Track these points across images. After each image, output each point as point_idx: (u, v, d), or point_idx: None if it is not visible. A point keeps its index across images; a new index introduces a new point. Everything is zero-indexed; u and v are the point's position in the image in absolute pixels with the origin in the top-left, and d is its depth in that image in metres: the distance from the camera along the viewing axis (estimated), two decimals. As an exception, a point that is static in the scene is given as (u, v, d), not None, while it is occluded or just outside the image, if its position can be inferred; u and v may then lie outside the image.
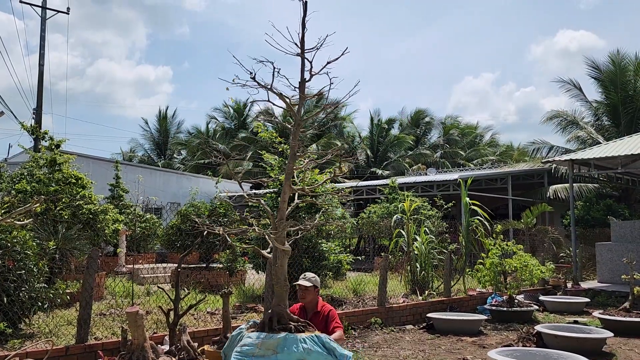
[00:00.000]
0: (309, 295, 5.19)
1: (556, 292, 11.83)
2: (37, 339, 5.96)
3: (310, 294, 5.22)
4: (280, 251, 3.87)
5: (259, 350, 3.52)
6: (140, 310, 3.86)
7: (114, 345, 5.60)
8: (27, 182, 9.85)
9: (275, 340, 3.54)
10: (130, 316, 3.89)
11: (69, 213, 9.52)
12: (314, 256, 9.94)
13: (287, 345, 3.54)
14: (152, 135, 41.34)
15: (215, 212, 12.38)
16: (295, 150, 3.96)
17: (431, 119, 40.17)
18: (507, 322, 8.90)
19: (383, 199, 18.26)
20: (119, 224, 11.67)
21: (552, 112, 24.67)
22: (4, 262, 5.85)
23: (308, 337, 3.61)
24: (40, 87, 20.79)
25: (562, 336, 6.59)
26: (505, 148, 40.43)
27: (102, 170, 19.48)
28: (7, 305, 5.72)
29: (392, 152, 36.39)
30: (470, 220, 11.01)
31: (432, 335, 7.85)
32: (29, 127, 11.10)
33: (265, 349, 3.53)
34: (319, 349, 3.60)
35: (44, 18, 21.33)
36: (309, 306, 5.16)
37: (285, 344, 3.55)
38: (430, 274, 10.82)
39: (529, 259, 9.28)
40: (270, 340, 3.55)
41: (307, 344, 3.58)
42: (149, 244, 17.34)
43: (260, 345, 3.54)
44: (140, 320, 3.86)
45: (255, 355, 3.51)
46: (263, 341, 3.57)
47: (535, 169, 21.78)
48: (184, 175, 26.96)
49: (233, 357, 3.53)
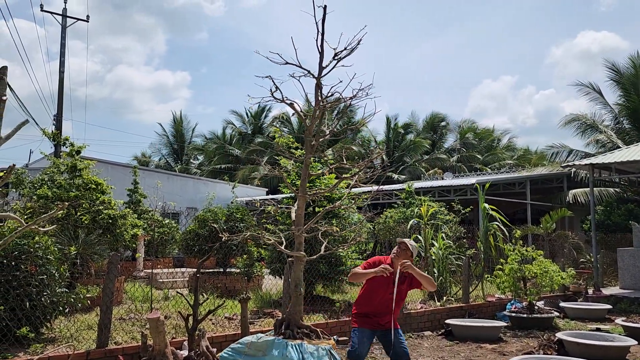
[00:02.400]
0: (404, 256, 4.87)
1: (577, 299, 11.66)
2: (58, 343, 6.03)
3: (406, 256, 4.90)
4: (295, 258, 3.88)
5: (248, 349, 3.72)
6: (161, 317, 3.90)
7: (133, 350, 5.64)
8: (48, 187, 10.00)
9: (264, 342, 3.75)
10: (151, 322, 3.92)
11: (89, 218, 9.65)
12: (330, 261, 9.93)
13: (274, 349, 3.72)
14: (169, 140, 41.73)
15: (232, 217, 12.44)
16: (309, 162, 3.96)
17: (447, 123, 39.98)
18: (527, 329, 8.78)
19: (399, 203, 18.18)
20: (138, 229, 11.78)
21: (571, 115, 24.41)
22: (27, 267, 5.94)
23: (293, 344, 3.77)
24: (61, 94, 21.12)
25: (584, 344, 6.48)
26: (523, 152, 40.00)
27: (120, 176, 19.70)
28: (30, 309, 5.80)
29: (408, 156, 36.25)
30: (488, 226, 10.91)
31: (451, 342, 7.78)
32: (50, 134, 11.28)
33: (255, 349, 3.73)
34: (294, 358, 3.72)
35: (64, 26, 21.70)
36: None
37: (273, 347, 3.73)
38: (449, 279, 10.74)
39: (549, 264, 9.16)
40: (259, 342, 3.74)
41: (288, 350, 3.72)
42: (167, 248, 17.49)
43: (250, 346, 3.74)
44: (161, 326, 3.89)
45: (246, 354, 3.72)
46: (253, 342, 3.74)
47: (554, 173, 21.53)
48: (200, 180, 27.16)
49: (225, 352, 3.72)
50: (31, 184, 11.63)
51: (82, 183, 10.16)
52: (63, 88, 21.16)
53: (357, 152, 34.17)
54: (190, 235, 13.02)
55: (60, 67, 21.30)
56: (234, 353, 3.83)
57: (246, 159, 34.83)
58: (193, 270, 13.59)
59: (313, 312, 8.72)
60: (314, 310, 8.84)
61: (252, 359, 3.89)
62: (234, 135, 39.46)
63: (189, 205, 24.11)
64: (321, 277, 9.84)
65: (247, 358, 3.90)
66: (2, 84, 3.16)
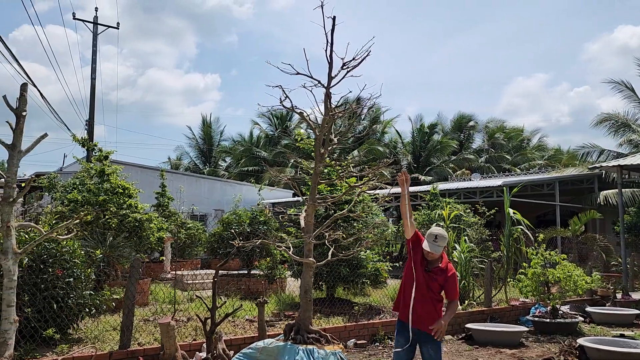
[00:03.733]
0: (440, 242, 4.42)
1: (605, 303, 11.42)
2: (84, 344, 6.26)
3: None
4: (304, 264, 3.96)
5: (260, 354, 3.77)
6: (172, 322, 4.03)
7: (154, 351, 5.81)
8: (79, 191, 10.35)
9: (276, 347, 3.80)
10: (162, 327, 4.06)
11: (116, 222, 9.94)
12: (352, 264, 9.98)
13: (287, 354, 3.75)
14: (197, 143, 42.37)
15: (255, 220, 12.61)
16: (319, 170, 4.04)
17: (475, 123, 39.45)
18: (550, 333, 8.67)
19: (424, 205, 18.08)
20: (164, 231, 12.06)
21: (603, 115, 23.78)
22: (54, 270, 6.19)
23: (304, 349, 3.80)
24: (92, 100, 21.74)
25: (605, 350, 6.38)
26: (554, 152, 39.15)
27: (149, 179, 20.16)
28: (56, 311, 6.04)
29: (435, 157, 35.94)
30: (511, 229, 10.79)
31: (471, 347, 7.74)
32: (80, 139, 11.65)
33: (267, 354, 3.78)
34: None
35: (95, 33, 22.33)
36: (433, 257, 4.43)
37: (284, 352, 3.76)
38: (471, 283, 10.66)
39: (572, 269, 9.01)
40: (271, 347, 3.79)
41: (299, 355, 3.75)
42: (193, 250, 17.80)
43: (262, 351, 3.79)
44: (171, 331, 4.03)
45: (258, 359, 3.73)
46: (264, 347, 3.80)
47: (585, 174, 21.03)
48: (227, 182, 27.52)
49: (236, 357, 3.77)
50: (63, 187, 12.05)
51: (110, 187, 10.47)
52: (95, 93, 21.79)
53: (382, 153, 34.07)
54: (214, 237, 13.25)
55: (92, 73, 21.95)
56: (246, 358, 3.92)
57: (273, 161, 35.11)
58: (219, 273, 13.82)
59: (333, 315, 8.79)
60: (333, 313, 8.91)
61: None
62: (261, 138, 39.81)
63: (216, 208, 24.49)
64: (342, 280, 9.90)
65: None
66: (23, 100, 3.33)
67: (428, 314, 4.31)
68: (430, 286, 4.36)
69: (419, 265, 4.37)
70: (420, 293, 4.32)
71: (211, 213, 24.15)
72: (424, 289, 4.34)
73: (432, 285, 4.36)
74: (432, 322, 4.26)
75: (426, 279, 4.37)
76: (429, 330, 4.22)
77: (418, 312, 4.29)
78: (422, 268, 4.39)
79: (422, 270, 4.38)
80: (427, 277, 4.38)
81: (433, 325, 4.21)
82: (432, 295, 4.36)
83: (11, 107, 3.40)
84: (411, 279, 4.37)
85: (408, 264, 4.49)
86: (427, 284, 4.36)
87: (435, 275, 4.38)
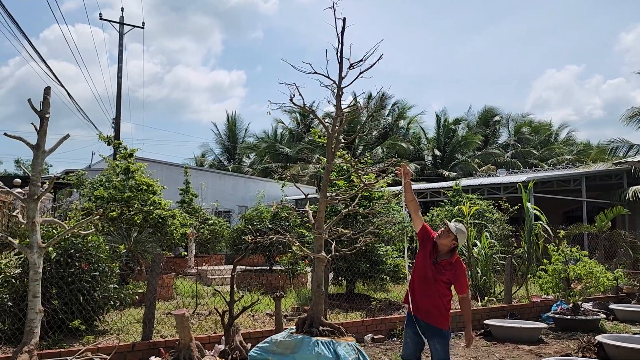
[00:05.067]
0: (446, 239, 4.50)
1: (630, 301, 11.23)
2: (109, 335, 6.51)
3: (448, 239, 4.52)
4: (315, 259, 4.06)
5: (277, 348, 3.83)
6: (186, 313, 4.19)
7: (175, 343, 6.00)
8: (105, 188, 10.67)
9: (294, 341, 3.83)
10: (177, 318, 4.22)
11: (140, 218, 10.22)
12: (371, 260, 10.06)
13: (303, 347, 3.81)
14: (222, 139, 42.86)
15: (277, 217, 12.77)
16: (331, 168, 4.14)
17: (501, 117, 38.91)
18: (571, 330, 8.59)
19: (447, 201, 18.00)
20: (187, 227, 12.32)
21: (633, 109, 23.25)
22: (80, 264, 6.44)
23: (324, 341, 3.84)
24: (119, 98, 22.21)
25: (623, 347, 6.32)
26: (583, 146, 38.29)
27: (174, 176, 20.54)
28: (83, 304, 6.29)
29: (459, 152, 35.60)
30: (532, 225, 10.70)
31: (488, 343, 7.75)
32: (106, 137, 11.99)
33: (284, 348, 3.83)
34: (328, 355, 3.83)
35: (121, 33, 22.80)
36: (443, 249, 4.52)
37: (302, 346, 3.82)
38: (492, 279, 10.61)
39: (594, 265, 8.90)
40: (288, 341, 3.84)
41: (319, 347, 3.81)
42: (217, 246, 18.10)
43: (279, 344, 3.84)
44: (186, 322, 4.18)
45: (275, 353, 3.83)
46: (282, 341, 3.86)
47: (613, 169, 20.59)
48: (251, 179, 27.80)
49: (253, 350, 3.85)
50: (90, 184, 12.42)
51: (135, 184, 10.77)
52: (121, 92, 22.25)
53: (406, 149, 33.92)
54: (237, 233, 13.47)
55: (118, 72, 22.40)
56: (262, 352, 4.00)
57: (296, 157, 35.30)
58: (241, 268, 14.06)
59: (352, 310, 8.89)
60: (352, 308, 9.01)
61: (281, 357, 4.01)
62: (284, 134, 40.04)
63: (239, 204, 24.79)
64: (361, 276, 9.99)
65: (275, 356, 4.03)
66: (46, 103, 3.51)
67: (436, 308, 4.37)
68: (438, 279, 4.40)
69: (428, 259, 4.44)
70: (428, 286, 4.38)
71: (235, 209, 24.47)
72: (431, 283, 4.40)
73: (439, 279, 4.41)
74: (439, 315, 4.35)
75: (434, 273, 4.42)
76: (436, 324, 4.32)
77: (425, 305, 4.37)
78: (431, 261, 4.44)
79: (430, 263, 4.44)
80: (435, 270, 4.42)
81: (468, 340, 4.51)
82: (439, 289, 4.41)
83: (35, 110, 3.59)
84: (421, 272, 4.44)
85: (418, 258, 4.56)
86: (435, 277, 4.40)
87: (444, 269, 4.42)
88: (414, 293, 4.44)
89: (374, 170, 4.49)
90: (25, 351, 3.83)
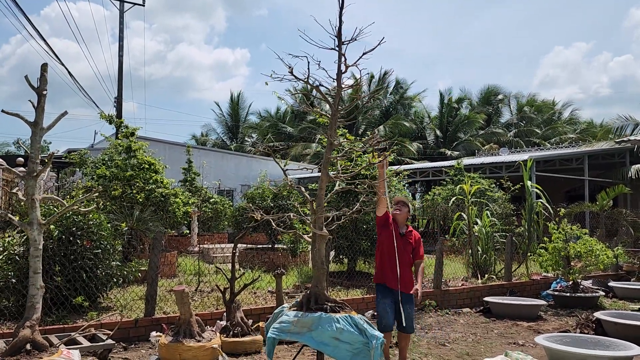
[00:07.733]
0: (404, 208, 5.20)
1: (630, 278, 11.31)
2: (112, 311, 6.60)
3: (404, 211, 5.22)
4: (318, 236, 4.08)
5: (294, 327, 3.79)
6: (186, 289, 4.23)
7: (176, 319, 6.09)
8: (107, 167, 10.69)
9: (310, 319, 3.81)
10: (177, 294, 4.27)
11: (143, 196, 10.25)
12: (372, 238, 10.10)
13: (322, 324, 3.78)
14: (224, 119, 42.72)
15: (278, 196, 12.80)
16: (333, 140, 4.13)
17: (504, 95, 38.60)
18: (570, 307, 8.67)
19: (448, 180, 18.01)
20: (189, 206, 12.36)
21: None
22: (82, 242, 6.49)
23: (342, 317, 3.85)
24: (120, 77, 22.07)
25: (621, 324, 6.38)
26: (586, 125, 38.05)
27: (176, 155, 20.55)
28: (85, 280, 6.36)
29: (462, 132, 35.45)
30: (532, 203, 10.71)
31: (488, 319, 7.83)
32: (107, 116, 11.96)
33: (301, 326, 3.79)
34: (351, 329, 3.80)
35: (121, 11, 22.55)
36: (401, 221, 5.17)
37: (319, 323, 3.79)
38: (493, 257, 10.66)
39: (594, 243, 8.93)
40: (305, 319, 3.82)
41: (340, 323, 3.79)
42: (220, 224, 18.19)
43: (296, 323, 3.81)
44: (186, 298, 4.23)
45: (291, 332, 3.79)
46: (299, 319, 3.83)
47: (615, 147, 20.50)
48: (254, 158, 27.79)
49: (270, 332, 3.83)
50: (93, 163, 12.44)
51: (137, 163, 10.78)
52: (122, 71, 22.09)
53: (408, 128, 33.78)
54: (239, 212, 13.53)
55: (119, 50, 22.20)
56: (279, 332, 3.91)
57: (299, 136, 35.22)
58: (244, 246, 14.15)
59: (352, 288, 8.97)
60: (353, 286, 9.08)
61: (297, 336, 3.89)
62: (287, 113, 39.87)
63: (242, 183, 24.84)
64: (362, 254, 10.04)
65: (292, 335, 3.93)
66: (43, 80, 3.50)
67: (408, 277, 5.06)
68: (407, 249, 5.04)
69: (396, 234, 5.02)
70: (403, 257, 4.97)
71: (237, 188, 24.53)
72: (404, 253, 5.00)
73: (408, 249, 5.05)
74: (411, 284, 5.05)
75: (404, 244, 5.03)
76: (410, 291, 5.00)
77: (406, 276, 4.99)
78: (399, 234, 5.05)
79: (399, 236, 5.04)
80: (404, 242, 5.04)
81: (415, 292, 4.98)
82: (408, 258, 5.07)
83: (32, 86, 3.58)
84: (390, 248, 4.96)
85: (381, 239, 5.12)
86: (405, 248, 5.02)
87: (409, 238, 5.09)
88: (392, 267, 4.93)
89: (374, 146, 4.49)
90: (27, 326, 3.89)
